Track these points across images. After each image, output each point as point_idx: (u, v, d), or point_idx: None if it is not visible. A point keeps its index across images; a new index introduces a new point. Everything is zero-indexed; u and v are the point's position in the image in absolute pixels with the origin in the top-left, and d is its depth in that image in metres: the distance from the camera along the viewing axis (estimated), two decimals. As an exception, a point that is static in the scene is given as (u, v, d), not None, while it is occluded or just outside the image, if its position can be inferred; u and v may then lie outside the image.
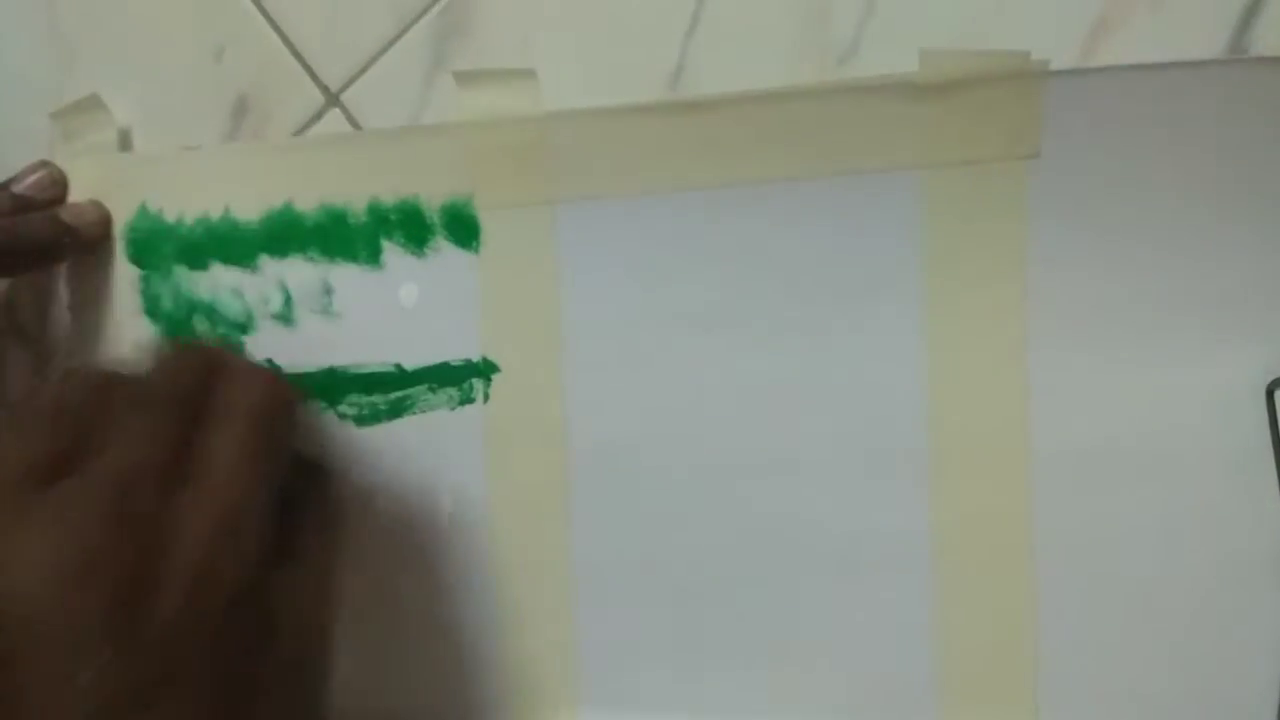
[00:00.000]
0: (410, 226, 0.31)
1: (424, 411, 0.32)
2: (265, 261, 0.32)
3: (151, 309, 0.34)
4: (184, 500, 0.24)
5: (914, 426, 0.28)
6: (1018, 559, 0.28)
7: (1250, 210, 0.26)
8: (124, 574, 0.22)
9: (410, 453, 0.32)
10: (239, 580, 0.24)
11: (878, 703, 0.29)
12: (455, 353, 0.31)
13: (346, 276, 0.32)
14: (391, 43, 0.33)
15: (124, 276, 0.34)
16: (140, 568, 0.23)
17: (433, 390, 0.32)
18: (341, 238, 0.32)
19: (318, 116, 0.34)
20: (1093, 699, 0.28)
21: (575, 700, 0.31)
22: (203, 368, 0.26)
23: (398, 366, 0.32)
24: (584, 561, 0.31)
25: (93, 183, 0.34)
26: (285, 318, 0.32)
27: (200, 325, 0.33)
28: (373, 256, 0.32)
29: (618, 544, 0.30)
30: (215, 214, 0.33)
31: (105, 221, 0.34)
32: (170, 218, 0.33)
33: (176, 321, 0.33)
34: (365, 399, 0.32)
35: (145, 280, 0.34)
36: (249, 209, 0.32)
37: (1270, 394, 0.27)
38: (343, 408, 0.32)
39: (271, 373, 0.28)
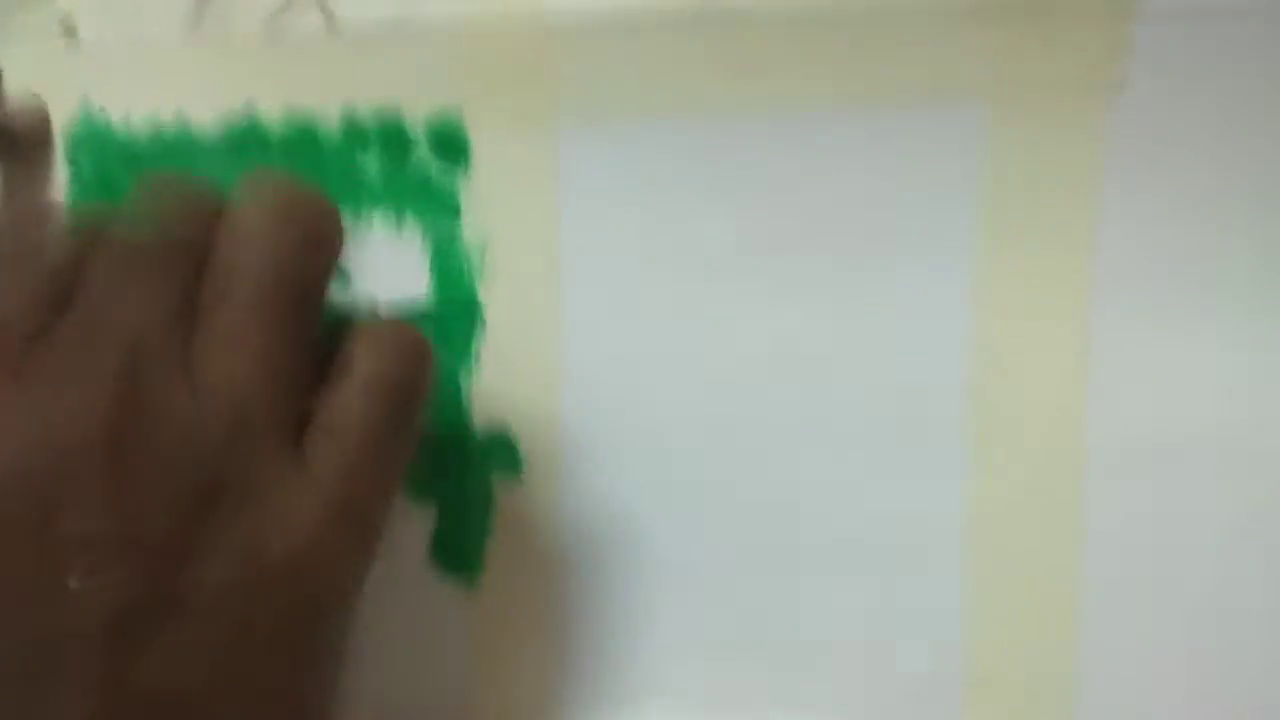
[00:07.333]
0: (389, 141, 0.28)
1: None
2: (223, 172, 0.29)
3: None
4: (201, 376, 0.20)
5: (955, 396, 0.26)
6: (1063, 553, 0.26)
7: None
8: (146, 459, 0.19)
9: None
10: (358, 579, 0.21)
11: (900, 705, 0.27)
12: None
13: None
14: (376, -72, 0.29)
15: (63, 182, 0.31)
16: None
17: (410, 329, 0.29)
18: (310, 150, 0.29)
19: (287, 5, 0.30)
20: (1138, 716, 0.26)
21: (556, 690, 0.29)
22: (204, 219, 0.22)
23: (372, 299, 0.29)
24: (573, 529, 0.28)
25: (30, 75, 0.31)
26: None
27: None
28: (345, 172, 0.28)
29: (611, 509, 0.28)
30: (167, 117, 0.29)
31: (45, 123, 0.30)
32: (115, 118, 0.30)
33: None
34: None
35: (74, 185, 0.30)
36: (206, 113, 0.29)
37: (1363, 381, 0.24)
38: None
39: (413, 332, 0.24)
